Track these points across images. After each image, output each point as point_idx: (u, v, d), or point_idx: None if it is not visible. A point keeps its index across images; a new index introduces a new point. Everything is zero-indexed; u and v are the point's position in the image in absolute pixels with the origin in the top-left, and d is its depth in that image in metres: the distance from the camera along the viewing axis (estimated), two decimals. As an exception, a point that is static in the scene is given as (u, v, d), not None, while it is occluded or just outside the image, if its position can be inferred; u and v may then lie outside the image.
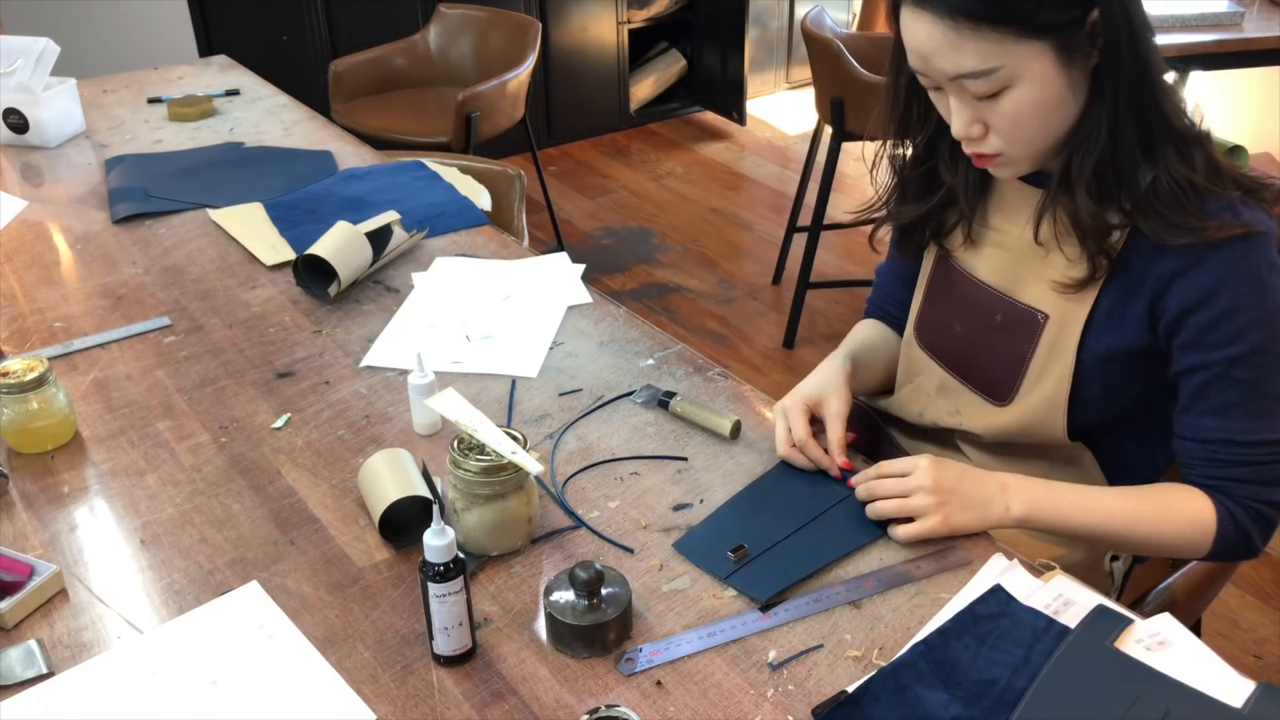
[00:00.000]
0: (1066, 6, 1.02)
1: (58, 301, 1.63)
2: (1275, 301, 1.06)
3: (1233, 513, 1.11)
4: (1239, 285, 1.04)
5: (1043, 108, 1.06)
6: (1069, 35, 1.03)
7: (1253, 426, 1.08)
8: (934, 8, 1.03)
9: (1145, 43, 1.05)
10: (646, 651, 0.99)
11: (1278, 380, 1.07)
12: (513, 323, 1.55)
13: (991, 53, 1.03)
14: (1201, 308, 1.06)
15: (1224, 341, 1.06)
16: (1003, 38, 1.02)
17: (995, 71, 1.04)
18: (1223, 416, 1.09)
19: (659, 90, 4.83)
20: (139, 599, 1.08)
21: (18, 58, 2.19)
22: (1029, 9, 1.01)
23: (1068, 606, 1.00)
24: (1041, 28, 1.02)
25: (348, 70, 3.37)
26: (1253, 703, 0.89)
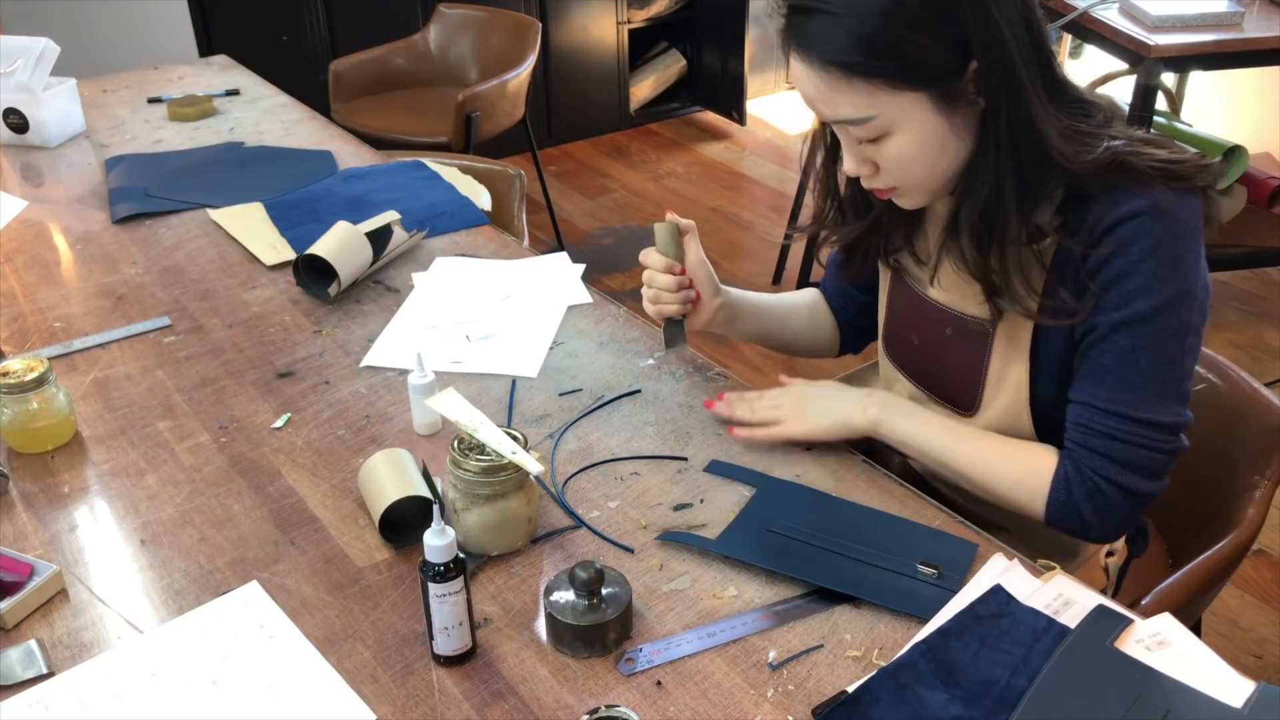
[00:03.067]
0: (941, 59, 1.00)
1: (58, 301, 1.63)
2: (1167, 274, 1.03)
3: (1069, 479, 1.10)
4: (1135, 253, 1.03)
5: (926, 152, 1.05)
6: (947, 85, 1.01)
7: (1119, 397, 1.07)
8: (808, 57, 1.02)
9: (1027, 92, 1.02)
10: (647, 651, 0.99)
11: (1155, 358, 1.05)
12: (513, 323, 1.55)
13: (865, 103, 1.02)
14: (1102, 269, 1.05)
15: (1113, 305, 1.05)
16: (874, 89, 1.01)
17: (870, 120, 1.03)
18: (1094, 380, 1.09)
19: (659, 90, 4.83)
20: (139, 599, 1.08)
21: (18, 58, 2.19)
22: (900, 64, 0.99)
23: (1068, 606, 1.00)
24: (916, 80, 1.00)
25: (348, 70, 3.37)
26: (1253, 703, 0.89)
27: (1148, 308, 1.04)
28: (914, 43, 0.98)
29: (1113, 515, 1.10)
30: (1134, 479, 1.09)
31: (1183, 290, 1.04)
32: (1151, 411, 1.07)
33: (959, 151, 1.07)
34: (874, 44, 0.98)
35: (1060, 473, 1.11)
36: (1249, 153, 2.88)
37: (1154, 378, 1.06)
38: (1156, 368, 1.06)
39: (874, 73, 1.00)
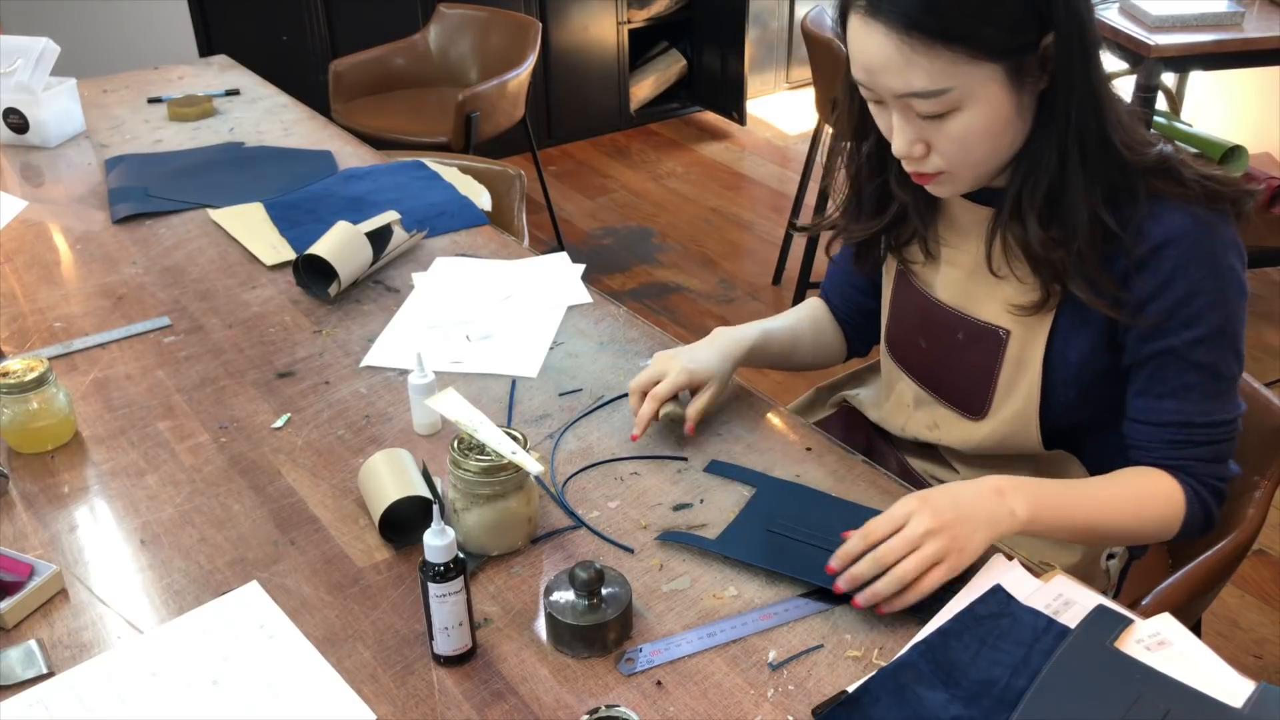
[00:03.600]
0: (1023, 29, 0.98)
1: (58, 301, 1.63)
2: (1228, 283, 1.07)
3: (1197, 491, 1.12)
4: (1194, 270, 1.05)
5: (990, 131, 1.03)
6: (1022, 58, 1.00)
7: (1211, 407, 1.10)
8: (887, 20, 0.98)
9: (1098, 69, 1.03)
10: (647, 651, 0.99)
11: (1230, 361, 1.09)
12: (513, 323, 1.55)
13: (943, 73, 0.99)
14: (1159, 296, 1.06)
15: (1182, 326, 1.06)
16: (956, 58, 0.98)
17: (945, 93, 1.00)
18: (1181, 399, 1.10)
19: (659, 90, 4.83)
20: (139, 599, 1.08)
21: (18, 58, 2.19)
22: (985, 30, 0.97)
23: (1068, 606, 1.00)
24: (996, 50, 0.98)
25: (348, 70, 3.37)
26: (1253, 703, 0.89)
27: (1219, 320, 1.07)
28: (1000, 9, 0.96)
29: (1224, 500, 1.15)
30: (1232, 468, 1.15)
31: (1242, 292, 1.09)
32: (1235, 408, 1.12)
33: (1018, 133, 1.05)
34: (962, 8, 0.96)
35: (1189, 490, 1.12)
36: (1249, 153, 2.88)
37: (1231, 379, 1.10)
38: (1231, 370, 1.10)
39: (957, 39, 0.97)
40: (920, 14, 0.96)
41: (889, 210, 1.23)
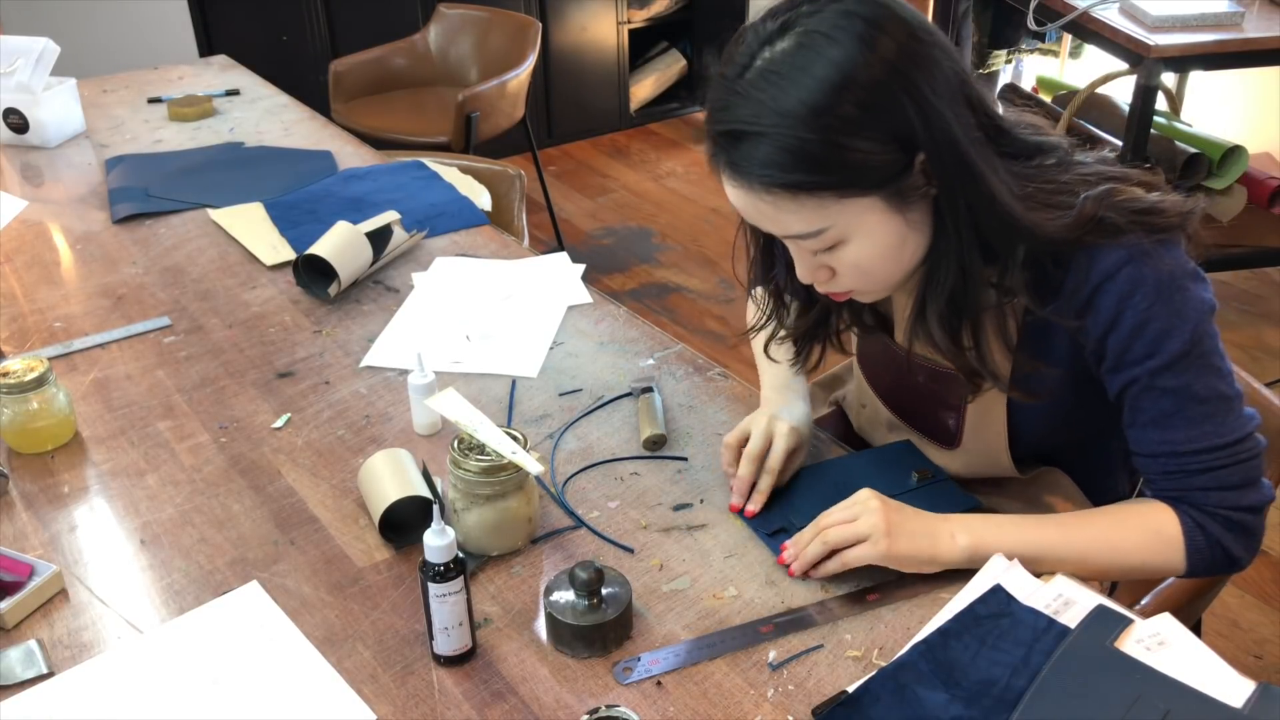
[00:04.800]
0: (888, 159, 0.94)
1: (58, 301, 1.63)
2: (1182, 305, 1.00)
3: (1200, 523, 1.04)
4: (1139, 299, 0.99)
5: (885, 253, 1.00)
6: (898, 182, 0.95)
7: (1197, 434, 1.02)
8: (743, 181, 0.96)
9: (983, 170, 0.96)
10: (645, 661, 0.99)
11: (1208, 382, 1.02)
12: (513, 323, 1.55)
13: (816, 217, 0.96)
14: (1113, 330, 1.01)
15: (1143, 356, 1.01)
16: (824, 202, 0.95)
17: (824, 232, 0.97)
18: (1163, 428, 1.03)
19: (659, 90, 4.83)
20: (139, 599, 1.08)
21: (18, 58, 2.19)
22: (845, 173, 0.93)
23: (1068, 606, 1.00)
24: (865, 185, 0.94)
25: (348, 70, 3.37)
26: (1253, 703, 0.89)
27: (1180, 345, 1.00)
28: (856, 148, 0.92)
29: (1252, 536, 1.06)
30: (1252, 494, 1.05)
31: (1201, 309, 1.01)
32: (1231, 430, 1.03)
33: (918, 244, 1.01)
34: (814, 158, 0.92)
35: (1187, 520, 1.05)
36: (1249, 153, 2.88)
37: (1215, 399, 1.02)
38: (1213, 390, 1.02)
39: (819, 187, 0.94)
40: (778, 173, 0.93)
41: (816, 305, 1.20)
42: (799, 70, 0.92)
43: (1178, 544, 1.05)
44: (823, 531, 1.06)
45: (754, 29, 0.97)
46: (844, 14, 0.93)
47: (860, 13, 0.93)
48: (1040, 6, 2.98)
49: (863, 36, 0.92)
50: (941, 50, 0.96)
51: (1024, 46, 4.30)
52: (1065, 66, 4.60)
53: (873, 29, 0.92)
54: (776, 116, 0.92)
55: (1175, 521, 1.05)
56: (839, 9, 0.94)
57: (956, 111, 0.95)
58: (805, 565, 1.07)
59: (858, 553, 1.05)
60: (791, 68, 0.92)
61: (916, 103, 0.92)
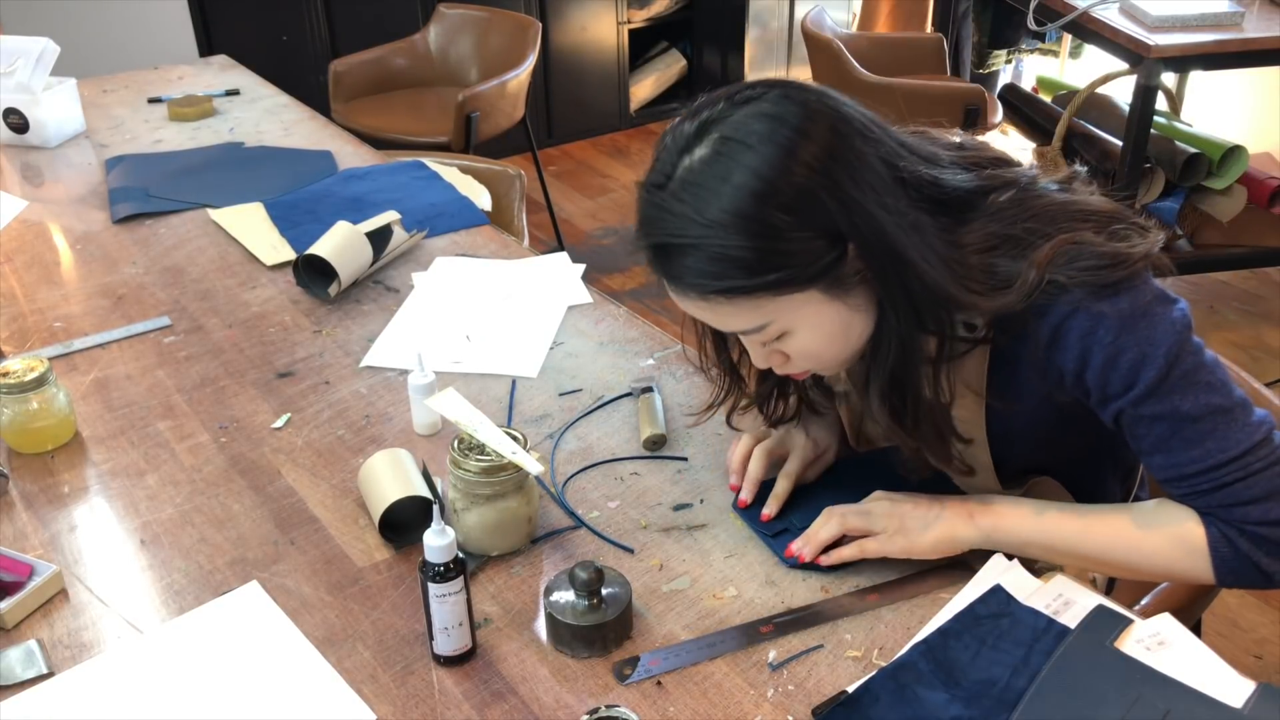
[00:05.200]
0: (819, 255, 0.93)
1: (58, 301, 1.63)
2: (1151, 329, 0.96)
3: (1228, 535, 0.99)
4: (1102, 334, 0.96)
5: (832, 338, 0.99)
6: (833, 273, 0.94)
7: (1200, 453, 0.98)
8: (682, 290, 0.97)
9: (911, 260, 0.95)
10: (645, 661, 0.99)
11: (1197, 399, 0.97)
12: (513, 323, 1.55)
13: (756, 314, 0.96)
14: (1086, 367, 0.99)
15: (1122, 390, 0.98)
16: (761, 301, 0.95)
17: (767, 326, 0.98)
18: (1165, 453, 1.00)
19: (659, 90, 4.83)
20: (139, 599, 1.08)
21: (18, 58, 2.19)
22: (778, 274, 0.93)
23: (1068, 606, 1.00)
24: (799, 281, 0.94)
25: (348, 70, 3.37)
26: (1253, 703, 0.89)
27: (1156, 371, 0.96)
28: (784, 250, 0.92)
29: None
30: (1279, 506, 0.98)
31: (1173, 330, 0.97)
32: (1235, 443, 0.97)
33: (865, 324, 1.00)
34: (744, 264, 0.92)
35: (1214, 531, 1.00)
36: (1249, 153, 2.88)
37: (1211, 415, 0.97)
38: (1205, 406, 0.97)
39: (753, 290, 0.93)
40: (711, 281, 0.94)
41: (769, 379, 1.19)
42: (719, 180, 0.91)
43: (1203, 554, 1.01)
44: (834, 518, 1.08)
45: (673, 133, 0.96)
46: (761, 117, 0.92)
47: (777, 114, 0.92)
48: (1040, 6, 2.98)
49: (781, 142, 0.91)
50: (865, 138, 0.94)
51: (1024, 46, 4.30)
52: (1065, 66, 4.60)
53: (792, 133, 0.91)
54: (702, 228, 0.92)
55: (1201, 531, 1.01)
56: (755, 111, 0.93)
57: (884, 199, 0.93)
58: (817, 549, 1.08)
59: (876, 544, 1.06)
60: (711, 177, 0.92)
61: (840, 200, 0.91)
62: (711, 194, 0.91)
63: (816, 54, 3.27)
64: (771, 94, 0.94)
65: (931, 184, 0.98)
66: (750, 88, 0.96)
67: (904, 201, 0.96)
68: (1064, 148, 3.06)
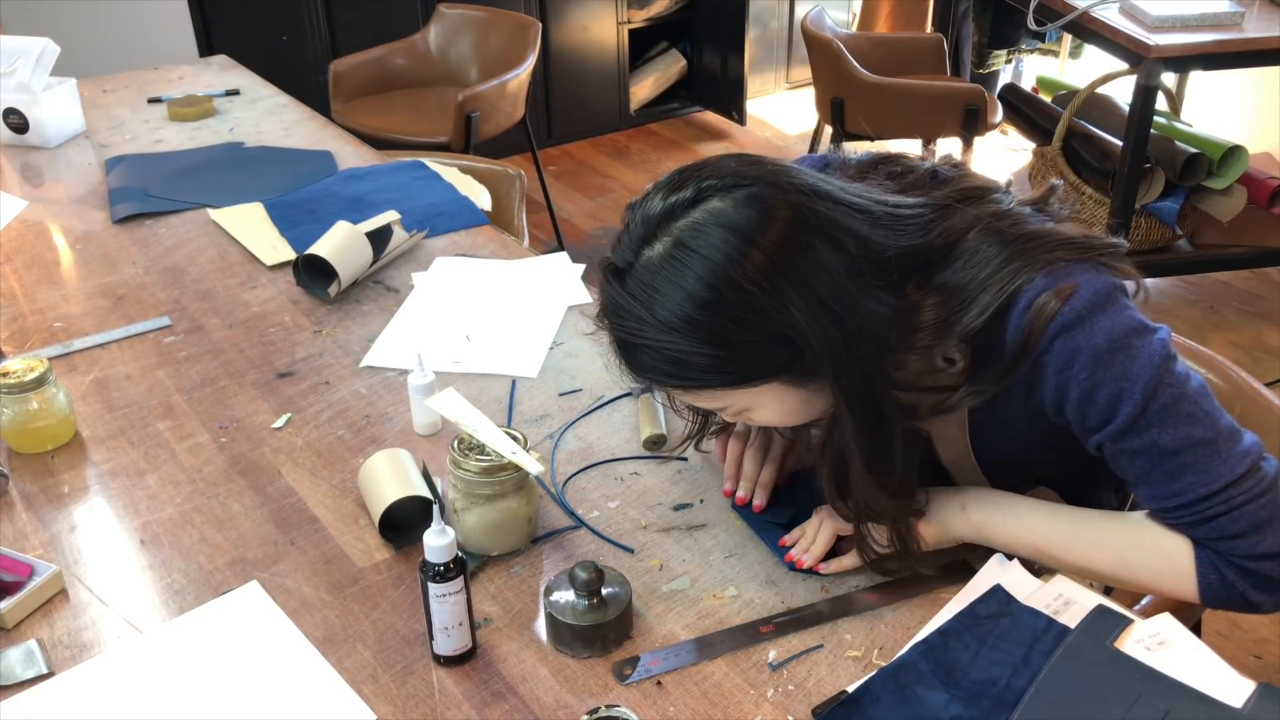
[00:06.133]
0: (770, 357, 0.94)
1: (58, 301, 1.63)
2: (1127, 366, 0.94)
3: (1215, 564, 0.98)
4: (1078, 371, 0.95)
5: (795, 412, 1.01)
6: (788, 371, 0.95)
7: (1180, 486, 0.96)
8: (644, 380, 0.99)
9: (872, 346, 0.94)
10: (645, 661, 0.99)
11: (1177, 432, 0.95)
12: (513, 323, 1.55)
13: (716, 400, 0.99)
14: (1065, 400, 0.98)
15: (1101, 424, 0.97)
16: (719, 392, 0.97)
17: (728, 408, 1.00)
18: (1148, 485, 0.99)
19: (659, 90, 4.83)
20: (139, 599, 1.08)
21: (18, 58, 2.19)
22: (732, 373, 0.94)
23: (1068, 606, 1.00)
24: (756, 378, 0.95)
25: (348, 70, 3.37)
26: (1253, 703, 0.89)
27: (1133, 407, 0.95)
28: (737, 355, 0.93)
29: (1274, 582, 0.98)
30: (1266, 539, 0.96)
31: (1152, 363, 0.95)
32: (1217, 476, 0.95)
33: (827, 400, 1.00)
34: (698, 366, 0.93)
35: (1204, 556, 0.99)
36: (1249, 153, 2.88)
37: (1191, 448, 0.95)
38: (1186, 439, 0.95)
39: (711, 385, 0.96)
40: (669, 379, 0.96)
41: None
42: (670, 284, 0.92)
43: (1190, 577, 1.00)
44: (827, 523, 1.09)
45: (641, 211, 0.96)
46: (717, 221, 0.92)
47: (732, 221, 0.92)
48: (1040, 6, 2.98)
49: (731, 254, 0.91)
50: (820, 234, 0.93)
51: (1024, 46, 4.30)
52: (1065, 66, 4.60)
53: (742, 244, 0.91)
54: (656, 331, 0.93)
55: (1190, 554, 0.99)
56: (713, 211, 0.92)
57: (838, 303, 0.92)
58: (817, 558, 1.08)
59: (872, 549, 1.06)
60: (664, 281, 0.92)
61: (788, 310, 0.91)
62: (664, 298, 0.92)
63: (816, 54, 3.27)
64: (735, 192, 0.93)
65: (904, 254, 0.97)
66: (720, 178, 0.95)
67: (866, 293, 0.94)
68: (1064, 148, 3.06)
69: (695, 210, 0.93)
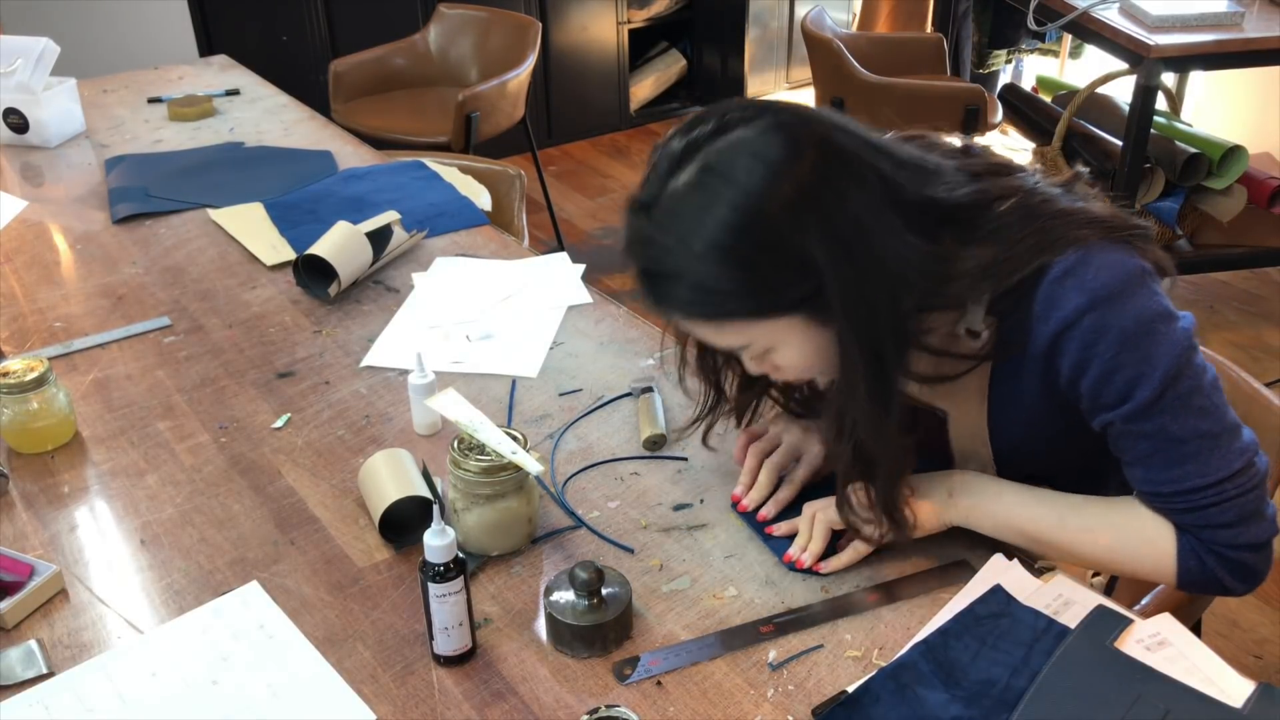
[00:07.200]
0: (795, 287, 0.93)
1: (58, 301, 1.63)
2: (1151, 350, 0.96)
3: (1196, 550, 1.01)
4: (1103, 349, 0.96)
5: (817, 357, 1.00)
6: (812, 303, 0.94)
7: (1179, 474, 0.98)
8: (667, 313, 1.00)
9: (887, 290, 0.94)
10: (645, 661, 0.99)
11: (1186, 422, 0.97)
12: (513, 323, 1.55)
13: (740, 337, 0.99)
14: (1082, 375, 0.99)
15: (1115, 402, 0.98)
16: (743, 325, 0.97)
17: (750, 346, 1.00)
18: (1146, 468, 1.00)
19: (659, 90, 4.83)
20: (139, 599, 1.08)
21: (18, 58, 2.19)
22: (755, 301, 0.94)
23: (1068, 606, 1.00)
24: (778, 309, 0.95)
25: (348, 70, 3.37)
26: (1253, 703, 0.89)
27: (1150, 391, 0.96)
28: (763, 283, 0.93)
29: (1251, 570, 1.01)
30: (1251, 530, 0.99)
31: (1174, 351, 0.96)
32: (1215, 469, 0.98)
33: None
34: (725, 294, 0.93)
35: (1185, 543, 1.01)
36: (1249, 153, 2.88)
37: (1197, 439, 0.97)
38: (1193, 430, 0.97)
39: (736, 315, 0.96)
40: (694, 309, 0.97)
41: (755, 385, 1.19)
42: (699, 211, 0.92)
43: (1170, 561, 1.02)
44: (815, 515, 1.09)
45: (663, 150, 0.96)
46: (744, 148, 0.92)
47: (760, 148, 0.91)
48: (1040, 6, 2.98)
49: (759, 180, 0.90)
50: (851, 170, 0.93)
51: (1024, 46, 4.30)
52: (1065, 66, 4.60)
53: (771, 170, 0.91)
54: (684, 258, 0.93)
55: (1173, 539, 1.02)
56: (739, 140, 0.92)
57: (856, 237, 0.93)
58: (815, 556, 1.09)
59: (868, 541, 1.07)
60: (692, 208, 0.92)
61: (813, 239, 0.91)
62: (691, 225, 0.92)
63: (816, 54, 3.27)
64: (760, 120, 0.93)
65: (929, 203, 0.97)
66: (742, 110, 0.95)
67: (891, 233, 0.94)
68: (1064, 148, 3.06)
69: (721, 139, 0.93)
